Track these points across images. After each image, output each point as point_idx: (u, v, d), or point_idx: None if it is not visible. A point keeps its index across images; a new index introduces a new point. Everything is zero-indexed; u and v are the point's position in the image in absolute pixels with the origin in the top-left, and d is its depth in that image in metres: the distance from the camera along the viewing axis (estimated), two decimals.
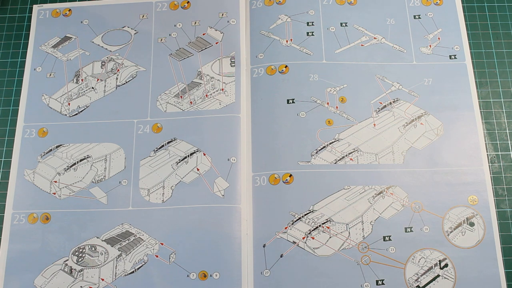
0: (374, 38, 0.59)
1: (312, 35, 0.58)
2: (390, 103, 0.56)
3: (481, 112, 0.56)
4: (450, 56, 0.58)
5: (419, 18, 0.59)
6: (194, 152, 0.55)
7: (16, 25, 0.62)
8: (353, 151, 0.54)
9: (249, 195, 0.53)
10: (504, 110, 0.56)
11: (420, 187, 0.53)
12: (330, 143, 0.54)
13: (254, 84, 0.57)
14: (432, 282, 0.50)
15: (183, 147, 0.55)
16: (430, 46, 0.58)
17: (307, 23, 0.59)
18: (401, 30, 0.59)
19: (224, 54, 0.58)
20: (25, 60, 0.60)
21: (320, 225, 0.52)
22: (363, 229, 0.52)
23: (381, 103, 0.56)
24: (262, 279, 0.50)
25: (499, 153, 0.55)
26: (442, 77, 0.57)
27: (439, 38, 0.58)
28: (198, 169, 0.54)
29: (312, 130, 0.55)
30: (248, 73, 0.57)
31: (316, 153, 0.54)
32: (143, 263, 0.52)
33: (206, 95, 0.57)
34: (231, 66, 0.58)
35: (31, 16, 0.62)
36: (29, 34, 0.61)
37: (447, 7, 0.60)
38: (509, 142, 0.55)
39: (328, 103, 0.56)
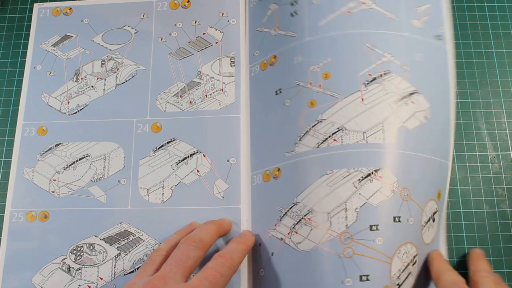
0: (363, 3, 0.50)
1: (296, 14, 0.52)
2: (381, 75, 0.48)
3: (481, 112, 0.56)
4: (437, 36, 0.51)
5: None
6: (194, 153, 0.55)
7: (16, 25, 0.62)
8: (337, 131, 0.47)
9: (248, 194, 0.53)
10: (504, 110, 0.56)
11: (410, 173, 0.45)
12: (313, 126, 0.47)
13: (252, 83, 0.56)
14: (406, 279, 0.44)
15: (182, 148, 0.55)
16: (421, 19, 0.51)
17: (291, 3, 0.53)
18: None
19: (224, 54, 0.58)
20: (25, 60, 0.60)
21: (302, 218, 0.45)
22: (346, 217, 0.43)
23: (370, 74, 0.48)
24: (259, 279, 0.49)
25: (499, 153, 0.54)
26: (432, 57, 0.50)
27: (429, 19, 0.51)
28: (198, 171, 0.54)
29: (295, 116, 0.49)
30: (247, 73, 0.57)
31: (300, 140, 0.48)
32: (143, 262, 0.51)
33: (206, 95, 0.57)
34: (231, 66, 0.58)
35: (31, 16, 0.62)
36: (29, 34, 0.61)
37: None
38: (509, 142, 0.55)
39: (311, 83, 0.49)
